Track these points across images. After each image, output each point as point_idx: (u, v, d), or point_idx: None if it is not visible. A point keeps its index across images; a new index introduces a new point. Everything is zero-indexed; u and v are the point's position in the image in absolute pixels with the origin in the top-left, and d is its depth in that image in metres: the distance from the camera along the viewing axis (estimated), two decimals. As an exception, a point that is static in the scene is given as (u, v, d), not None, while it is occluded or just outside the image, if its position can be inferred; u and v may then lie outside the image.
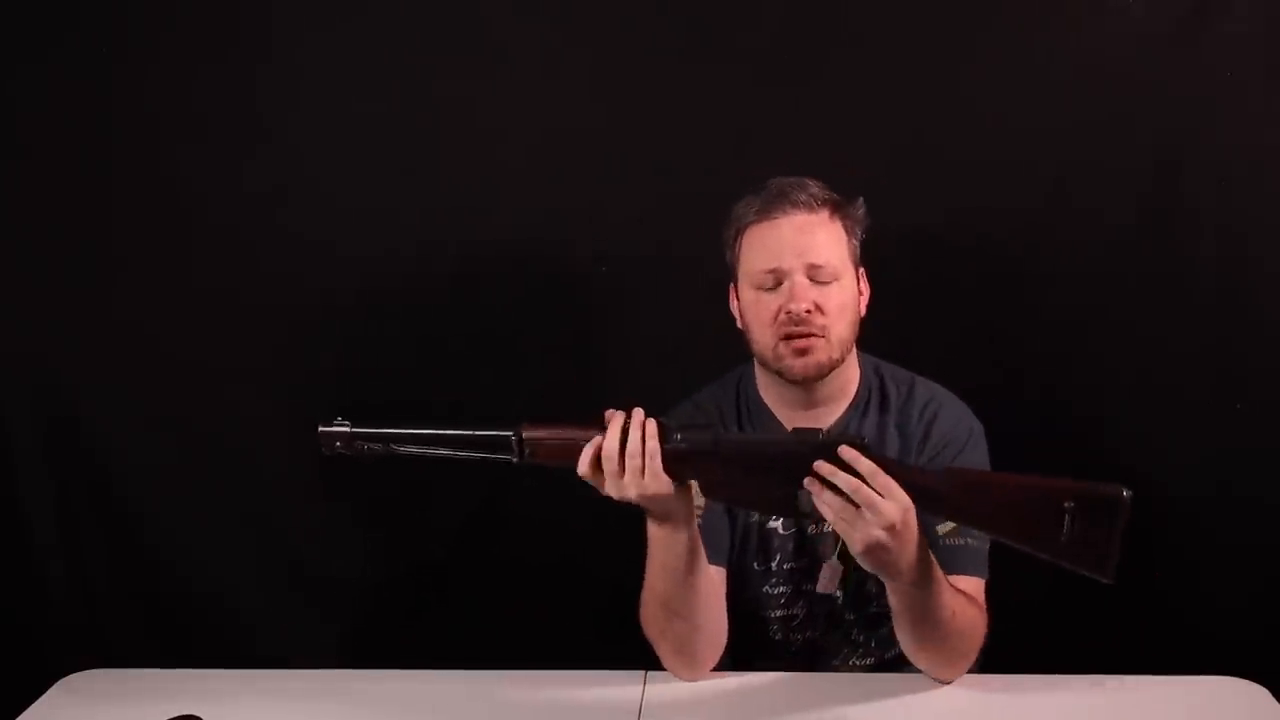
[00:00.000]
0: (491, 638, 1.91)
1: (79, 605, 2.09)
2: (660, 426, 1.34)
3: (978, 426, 1.57)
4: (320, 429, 1.38)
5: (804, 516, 1.37)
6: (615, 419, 1.34)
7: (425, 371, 1.98)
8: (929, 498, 1.33)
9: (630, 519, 1.55)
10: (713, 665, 1.52)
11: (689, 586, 1.43)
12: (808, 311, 1.47)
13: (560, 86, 1.91)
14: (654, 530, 1.41)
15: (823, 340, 1.49)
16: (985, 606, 1.49)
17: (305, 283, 1.98)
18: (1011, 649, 1.51)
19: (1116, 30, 1.83)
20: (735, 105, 1.87)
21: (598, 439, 1.33)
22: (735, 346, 1.61)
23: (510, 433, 1.37)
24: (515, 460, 1.37)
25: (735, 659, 1.61)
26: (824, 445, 1.33)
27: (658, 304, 1.95)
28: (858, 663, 1.63)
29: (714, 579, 1.51)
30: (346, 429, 1.38)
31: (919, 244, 1.89)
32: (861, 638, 1.62)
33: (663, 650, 1.51)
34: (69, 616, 2.08)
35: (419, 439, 1.38)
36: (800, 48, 1.87)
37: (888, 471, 1.32)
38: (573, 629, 1.94)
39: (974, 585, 1.49)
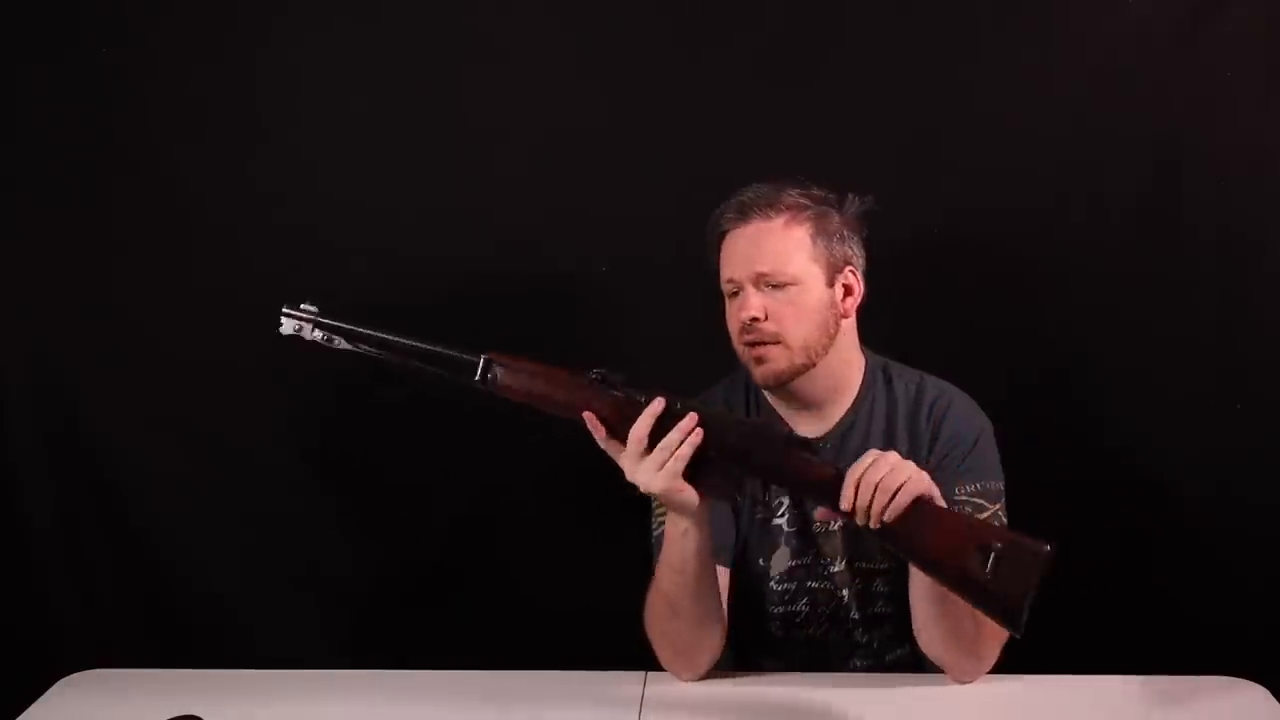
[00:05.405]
0: (491, 638, 1.91)
1: (79, 605, 2.08)
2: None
3: (987, 425, 1.57)
4: (284, 310, 1.43)
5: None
6: (657, 405, 1.36)
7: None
8: (882, 532, 1.33)
9: (630, 520, 1.55)
10: (711, 666, 1.53)
11: (695, 590, 1.44)
12: (753, 319, 1.49)
13: (561, 86, 1.91)
14: (669, 528, 1.42)
15: (779, 347, 1.50)
16: None
17: (305, 283, 1.96)
18: (1011, 649, 1.50)
19: (1116, 30, 1.83)
20: (737, 106, 1.87)
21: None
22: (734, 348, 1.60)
23: (478, 356, 1.40)
24: (478, 382, 1.39)
25: (736, 655, 1.61)
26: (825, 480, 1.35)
27: (658, 305, 1.95)
28: (859, 663, 1.63)
29: (718, 580, 1.51)
30: (311, 315, 1.43)
31: (920, 244, 1.89)
32: (864, 638, 1.62)
33: (662, 650, 1.51)
34: (69, 616, 2.08)
35: (382, 342, 1.42)
36: (802, 48, 1.87)
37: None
38: (573, 629, 1.94)
39: None
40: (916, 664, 1.60)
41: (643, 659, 1.53)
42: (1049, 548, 1.28)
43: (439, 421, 1.98)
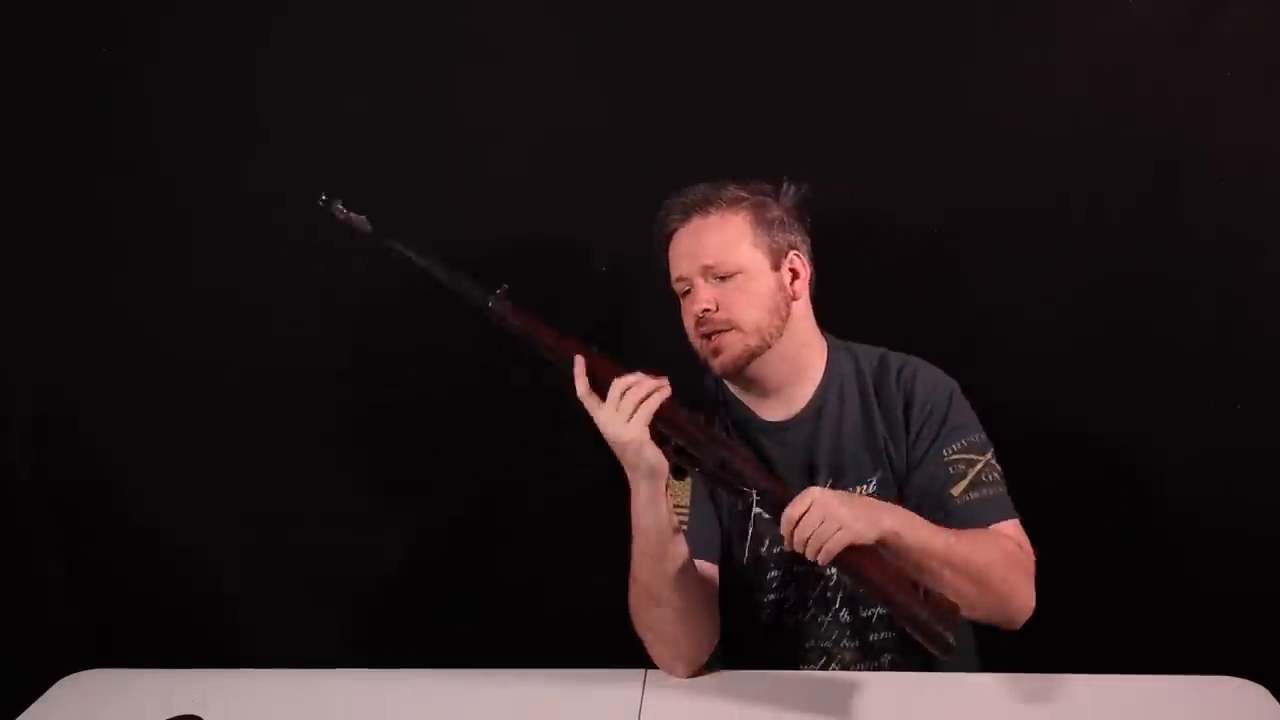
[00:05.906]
0: (491, 638, 1.91)
1: (79, 605, 2.09)
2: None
3: (954, 383, 1.60)
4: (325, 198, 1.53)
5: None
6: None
7: (424, 371, 1.98)
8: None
9: (629, 519, 1.55)
10: (704, 661, 1.53)
11: (666, 571, 1.46)
12: (705, 310, 1.55)
13: (561, 86, 1.91)
14: (634, 501, 1.44)
15: (733, 333, 1.55)
16: (1026, 540, 1.52)
17: (304, 283, 1.98)
18: (1011, 649, 1.51)
19: (1116, 30, 1.83)
20: (737, 106, 1.87)
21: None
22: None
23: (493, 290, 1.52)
24: (489, 304, 1.52)
25: (725, 645, 1.61)
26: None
27: (658, 305, 1.94)
28: (847, 644, 1.63)
29: (697, 570, 1.52)
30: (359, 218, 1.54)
31: (919, 244, 1.89)
32: (850, 619, 1.62)
33: (651, 645, 1.52)
34: (69, 616, 2.09)
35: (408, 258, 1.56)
36: (802, 48, 1.87)
37: None
38: (573, 629, 1.94)
39: (1009, 528, 1.52)
40: (902, 646, 1.60)
41: (643, 658, 1.53)
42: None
43: (439, 421, 1.98)
